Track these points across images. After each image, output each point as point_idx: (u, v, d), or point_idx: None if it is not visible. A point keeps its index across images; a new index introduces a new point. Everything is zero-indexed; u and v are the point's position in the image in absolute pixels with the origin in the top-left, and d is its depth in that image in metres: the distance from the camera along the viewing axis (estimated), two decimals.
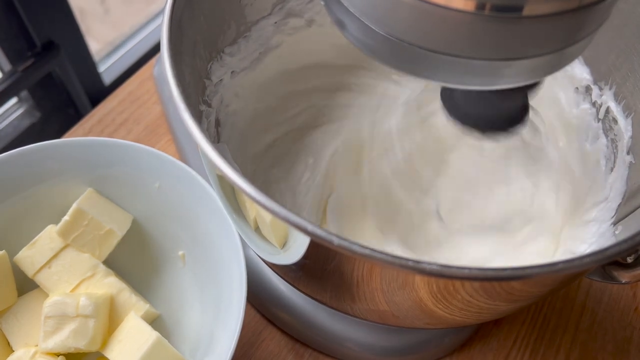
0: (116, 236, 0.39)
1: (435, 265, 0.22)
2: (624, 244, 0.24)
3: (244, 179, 0.24)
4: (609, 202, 0.36)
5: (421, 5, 0.21)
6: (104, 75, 0.68)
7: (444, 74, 0.24)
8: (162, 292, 0.42)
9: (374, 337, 0.42)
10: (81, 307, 0.36)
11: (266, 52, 0.43)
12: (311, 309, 0.43)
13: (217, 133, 0.39)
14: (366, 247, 0.23)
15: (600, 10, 0.22)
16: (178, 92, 0.27)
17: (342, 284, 0.29)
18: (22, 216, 0.40)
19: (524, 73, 0.24)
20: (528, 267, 0.23)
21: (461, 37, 0.22)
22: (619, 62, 0.37)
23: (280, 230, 0.28)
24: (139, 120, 0.57)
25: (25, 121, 0.62)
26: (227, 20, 0.38)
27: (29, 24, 0.55)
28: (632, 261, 0.29)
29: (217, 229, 0.37)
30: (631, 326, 0.46)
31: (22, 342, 0.38)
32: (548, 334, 0.46)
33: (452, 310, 0.29)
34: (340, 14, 0.25)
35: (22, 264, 0.38)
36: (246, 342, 0.44)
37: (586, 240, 0.36)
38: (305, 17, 0.43)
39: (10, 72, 0.57)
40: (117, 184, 0.40)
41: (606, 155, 0.38)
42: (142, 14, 0.75)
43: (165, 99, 0.55)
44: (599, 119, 0.39)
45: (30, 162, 0.38)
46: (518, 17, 0.21)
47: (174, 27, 0.30)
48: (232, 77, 0.40)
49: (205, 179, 0.37)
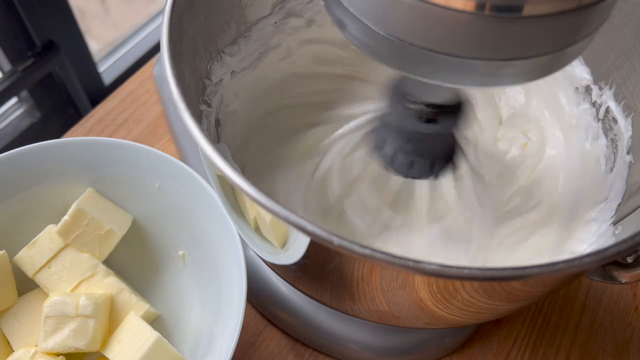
0: (116, 236, 0.39)
1: (435, 265, 0.22)
2: (624, 244, 0.24)
3: (244, 179, 0.24)
4: (609, 202, 0.36)
5: (421, 5, 0.21)
6: (104, 75, 0.68)
7: (444, 74, 0.24)
8: (162, 292, 0.42)
9: (374, 337, 0.42)
10: (81, 307, 0.36)
11: (266, 52, 0.43)
12: (311, 309, 0.43)
13: (217, 133, 0.39)
14: (366, 247, 0.23)
15: (600, 11, 0.22)
16: (178, 92, 0.27)
17: (342, 284, 0.29)
18: (22, 216, 0.40)
19: (524, 73, 0.24)
20: (528, 267, 0.23)
21: (461, 37, 0.22)
22: (619, 62, 0.37)
23: (280, 230, 0.28)
24: (139, 120, 0.57)
25: (25, 121, 0.62)
26: (227, 20, 0.38)
27: (29, 24, 0.55)
28: (632, 261, 0.29)
29: (217, 229, 0.37)
30: (631, 326, 0.46)
31: (22, 342, 0.38)
32: (548, 334, 0.46)
33: (452, 310, 0.29)
34: (340, 13, 0.25)
35: (22, 264, 0.38)
36: (246, 342, 0.44)
37: (586, 240, 0.36)
38: (305, 17, 0.43)
39: (10, 72, 0.57)
40: (117, 184, 0.40)
41: (606, 155, 0.38)
42: (142, 14, 0.75)
43: (165, 99, 0.55)
44: (599, 118, 0.39)
45: (30, 162, 0.38)
46: (518, 17, 0.21)
47: (174, 27, 0.30)
48: (232, 77, 0.40)
49: (205, 179, 0.37)
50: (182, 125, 0.27)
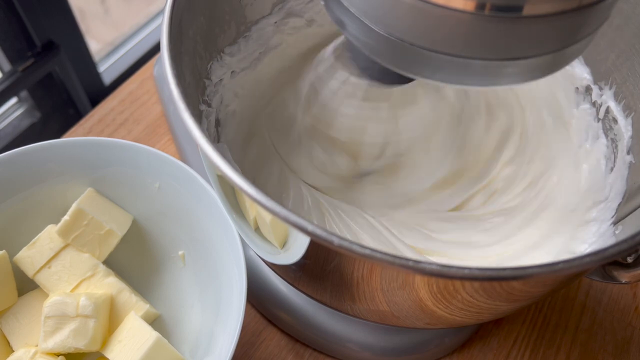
0: (116, 236, 0.39)
1: (435, 265, 0.22)
2: (624, 244, 0.24)
3: (244, 179, 0.24)
4: (609, 202, 0.36)
5: (421, 5, 0.21)
6: (104, 75, 0.68)
7: (444, 74, 0.24)
8: (162, 292, 0.42)
9: (374, 337, 0.42)
10: (81, 307, 0.36)
11: (266, 52, 0.43)
12: (311, 309, 0.43)
13: (217, 133, 0.39)
14: (366, 247, 0.23)
15: (600, 10, 0.22)
16: (178, 92, 0.27)
17: (342, 284, 0.29)
18: (22, 216, 0.40)
19: (524, 73, 0.24)
20: (528, 267, 0.23)
21: (461, 37, 0.22)
22: (619, 62, 0.37)
23: (280, 230, 0.28)
24: (139, 120, 0.57)
25: (25, 121, 0.62)
26: (227, 20, 0.38)
27: (29, 24, 0.55)
28: (632, 261, 0.29)
29: (217, 229, 0.37)
30: (631, 326, 0.46)
31: (22, 342, 0.38)
32: (548, 334, 0.46)
33: (452, 310, 0.29)
34: (340, 13, 0.25)
35: (22, 264, 0.38)
36: (246, 342, 0.44)
37: (586, 240, 0.36)
38: (305, 17, 0.43)
39: (10, 72, 0.57)
40: (117, 184, 0.40)
41: (606, 155, 0.38)
42: (142, 14, 0.75)
43: (165, 99, 0.55)
44: (599, 118, 0.39)
45: (30, 162, 0.38)
46: (518, 17, 0.21)
47: (174, 27, 0.30)
48: (232, 77, 0.40)
49: (205, 179, 0.37)
50: (182, 125, 0.27)
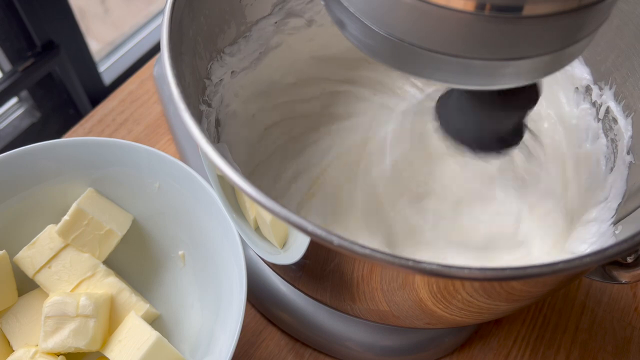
0: (116, 236, 0.39)
1: (435, 265, 0.22)
2: (624, 244, 0.24)
3: (244, 179, 0.24)
4: (609, 202, 0.36)
5: (421, 5, 0.21)
6: (104, 75, 0.68)
7: (444, 74, 0.24)
8: (162, 292, 0.42)
9: (374, 337, 0.42)
10: (81, 307, 0.36)
11: (266, 52, 0.43)
12: (311, 309, 0.43)
13: (217, 133, 0.39)
14: (366, 247, 0.23)
15: (600, 10, 0.22)
16: (178, 92, 0.27)
17: (342, 284, 0.29)
18: (22, 216, 0.40)
19: (524, 73, 0.24)
20: (528, 267, 0.23)
21: (461, 37, 0.22)
22: (619, 62, 0.37)
23: (280, 230, 0.28)
24: (139, 120, 0.57)
25: (25, 121, 0.62)
26: (227, 20, 0.38)
27: (29, 24, 0.55)
28: (632, 261, 0.29)
29: (217, 229, 0.37)
30: (631, 326, 0.46)
31: (22, 342, 0.38)
32: (548, 333, 0.46)
33: (452, 310, 0.29)
34: (340, 13, 0.25)
35: (22, 264, 0.38)
36: (246, 342, 0.44)
37: (586, 240, 0.36)
38: (305, 17, 0.43)
39: (10, 72, 0.57)
40: (117, 184, 0.40)
41: (606, 155, 0.38)
42: (142, 14, 0.75)
43: (165, 99, 0.55)
44: (599, 119, 0.39)
45: (30, 162, 0.38)
46: (518, 17, 0.21)
47: (174, 27, 0.30)
48: (232, 77, 0.40)
49: (205, 179, 0.37)
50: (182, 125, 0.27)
